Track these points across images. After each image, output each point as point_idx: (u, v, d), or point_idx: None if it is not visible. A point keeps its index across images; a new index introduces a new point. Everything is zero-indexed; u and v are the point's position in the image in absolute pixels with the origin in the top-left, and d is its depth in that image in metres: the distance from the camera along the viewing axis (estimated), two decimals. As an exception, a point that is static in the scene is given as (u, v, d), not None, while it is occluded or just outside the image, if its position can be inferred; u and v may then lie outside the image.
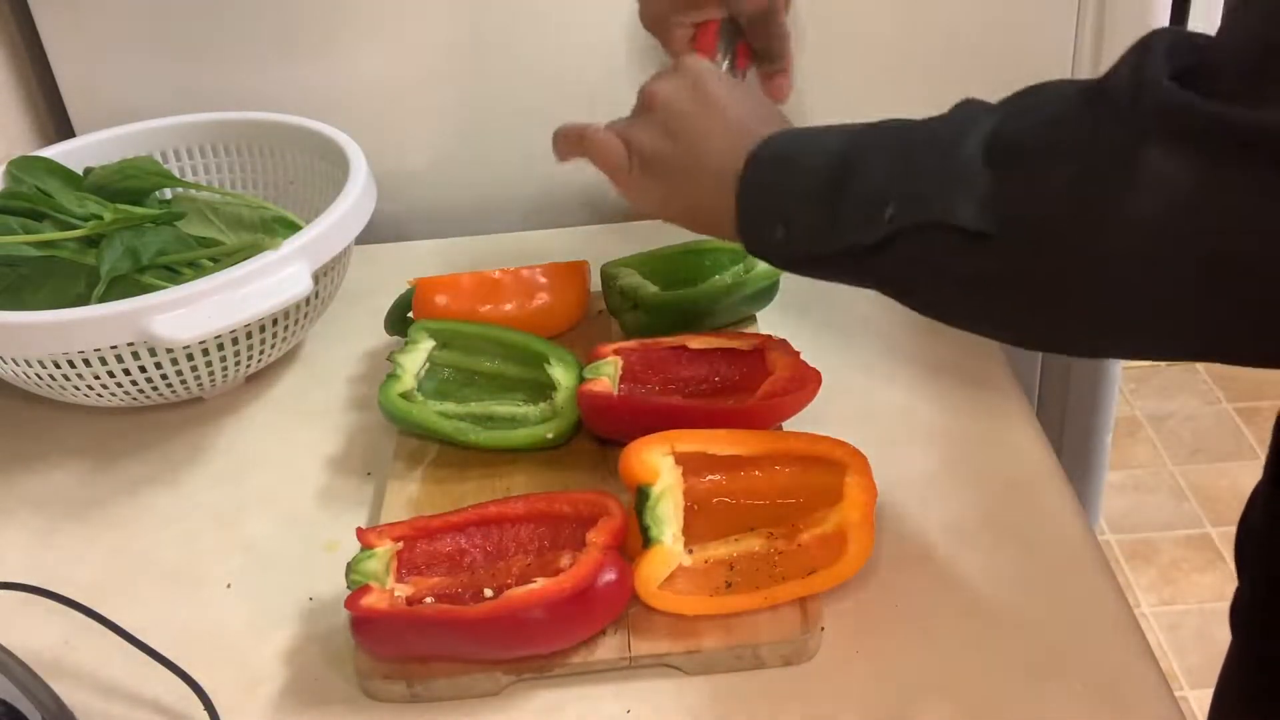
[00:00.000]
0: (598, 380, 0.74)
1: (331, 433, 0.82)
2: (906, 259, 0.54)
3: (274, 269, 0.75)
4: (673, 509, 0.65)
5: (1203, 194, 0.43)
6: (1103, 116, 0.46)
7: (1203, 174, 0.43)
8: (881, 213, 0.53)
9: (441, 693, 0.62)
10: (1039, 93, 0.52)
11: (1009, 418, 0.77)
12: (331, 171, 0.89)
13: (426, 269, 0.90)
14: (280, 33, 0.99)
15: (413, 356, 0.80)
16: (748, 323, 0.86)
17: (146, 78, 1.00)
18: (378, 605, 0.61)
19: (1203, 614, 1.79)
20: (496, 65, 1.00)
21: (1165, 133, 0.44)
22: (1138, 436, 2.13)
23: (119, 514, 0.77)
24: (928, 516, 0.70)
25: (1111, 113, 0.46)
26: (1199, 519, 1.95)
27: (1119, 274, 0.47)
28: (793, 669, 0.62)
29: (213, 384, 0.83)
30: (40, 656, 0.66)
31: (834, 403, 0.76)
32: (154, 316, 0.72)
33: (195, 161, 0.97)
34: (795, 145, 0.61)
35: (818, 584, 0.63)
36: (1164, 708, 0.58)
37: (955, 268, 0.52)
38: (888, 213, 0.53)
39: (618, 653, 0.62)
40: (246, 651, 0.66)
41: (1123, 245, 0.45)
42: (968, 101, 0.55)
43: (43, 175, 0.88)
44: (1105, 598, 0.64)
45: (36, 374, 0.77)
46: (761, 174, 0.60)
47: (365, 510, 0.75)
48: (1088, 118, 0.47)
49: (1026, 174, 0.49)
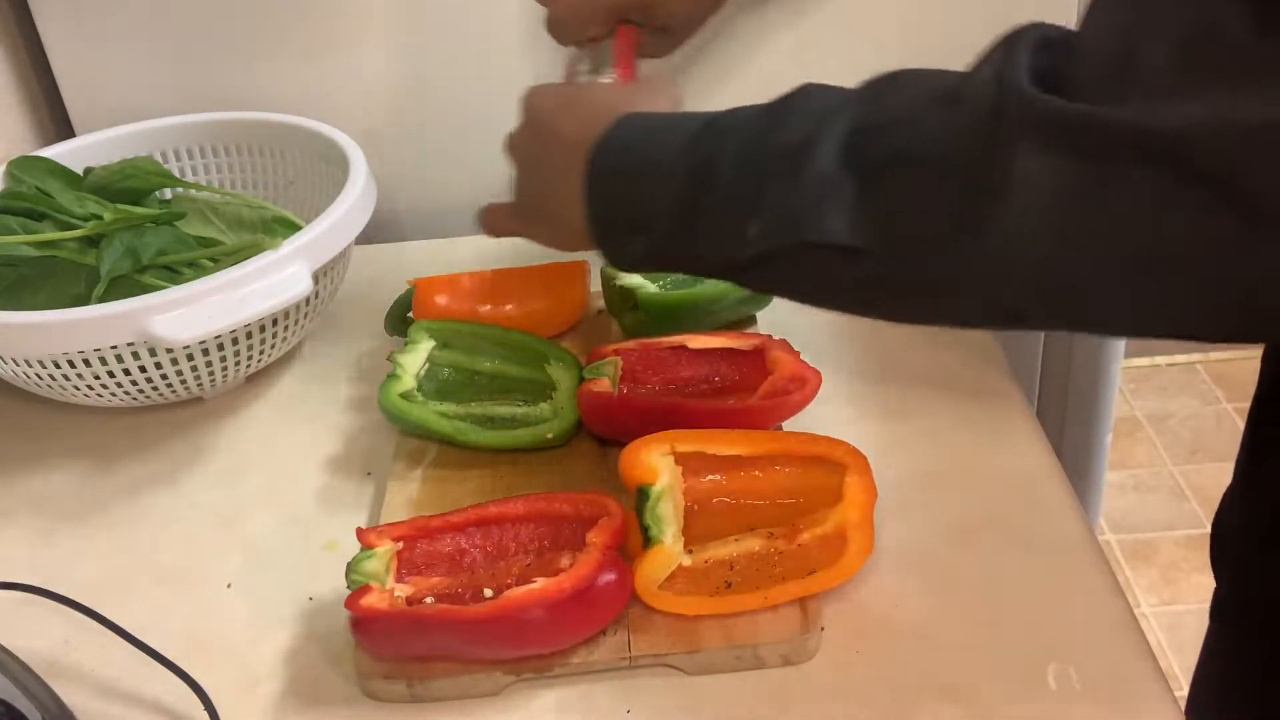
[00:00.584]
0: (598, 380, 0.74)
1: (331, 433, 0.82)
2: (783, 272, 0.53)
3: (274, 269, 0.75)
4: (673, 509, 0.65)
5: (1077, 196, 0.43)
6: (966, 123, 0.46)
7: (1074, 176, 0.42)
8: (744, 230, 0.52)
9: (441, 693, 0.62)
10: (895, 88, 0.50)
11: (1009, 418, 0.77)
12: (331, 171, 0.89)
13: (426, 269, 0.90)
14: (280, 33, 0.99)
15: (413, 356, 0.80)
16: (748, 323, 0.86)
17: (146, 78, 1.00)
18: (378, 605, 0.61)
19: (1203, 614, 1.78)
20: (496, 65, 1.00)
21: (1032, 138, 0.43)
22: (1138, 436, 2.13)
23: (119, 514, 0.77)
24: (928, 516, 0.70)
25: (975, 119, 0.45)
26: (1199, 519, 1.95)
27: (1003, 273, 0.46)
28: (793, 669, 0.62)
29: (213, 384, 0.83)
30: (40, 656, 0.66)
31: (834, 403, 0.77)
32: (154, 316, 0.72)
33: (195, 161, 0.97)
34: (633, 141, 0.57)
35: (818, 584, 0.63)
36: (1164, 708, 0.58)
37: (835, 276, 0.51)
38: (750, 231, 0.51)
39: (618, 653, 0.62)
40: (246, 651, 0.66)
41: (1001, 251, 0.45)
42: (809, 90, 0.53)
43: (43, 175, 0.88)
44: (1105, 598, 0.64)
45: (36, 374, 0.77)
46: (605, 179, 0.58)
47: (365, 510, 0.75)
48: (951, 123, 0.47)
49: (893, 185, 0.48)
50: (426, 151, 1.04)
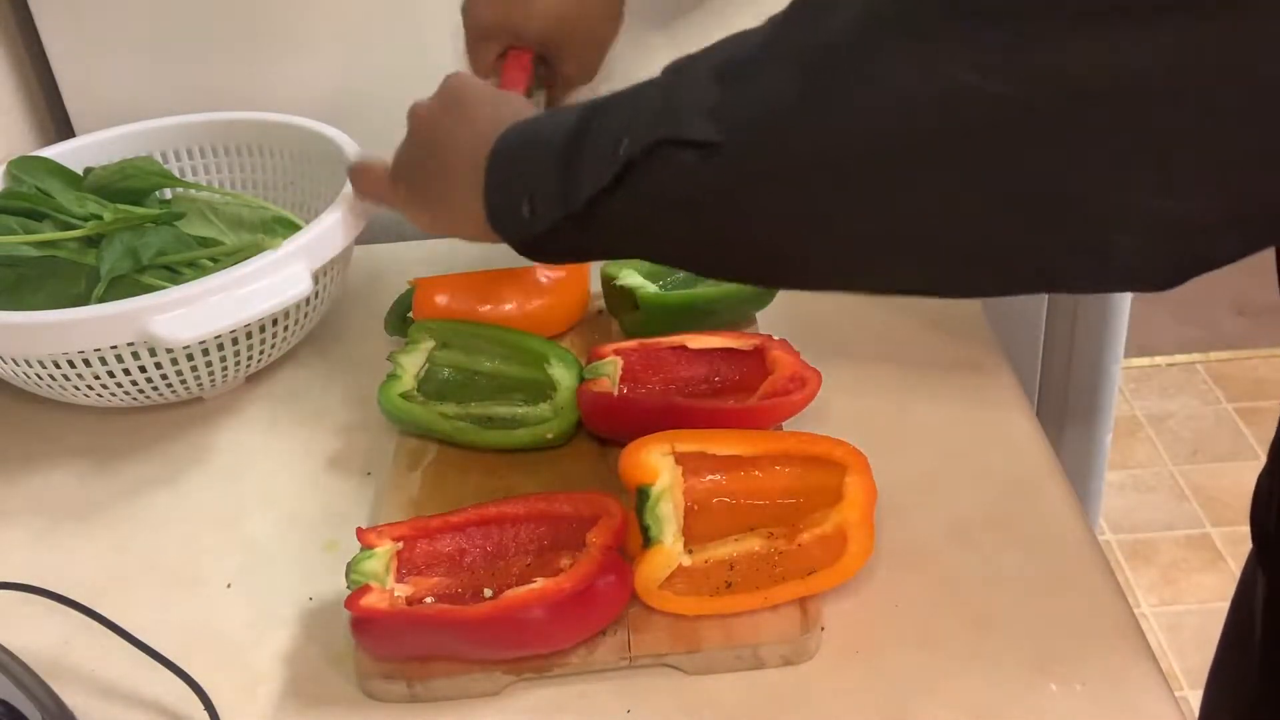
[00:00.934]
0: (598, 380, 0.74)
1: (331, 433, 0.82)
2: (637, 196, 0.53)
3: (274, 269, 0.75)
4: (673, 509, 0.65)
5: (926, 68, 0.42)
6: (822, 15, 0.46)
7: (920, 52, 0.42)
8: (615, 149, 0.52)
9: (441, 693, 0.62)
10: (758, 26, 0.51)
11: (1009, 418, 0.77)
12: (331, 171, 0.89)
13: (426, 269, 0.90)
14: (280, 33, 0.99)
15: (413, 356, 0.80)
16: (748, 323, 0.86)
17: (146, 78, 1.00)
18: (378, 605, 0.61)
19: (1203, 614, 1.79)
20: (496, 65, 1.00)
21: (882, 18, 0.44)
22: (1138, 436, 2.13)
23: (119, 514, 0.77)
24: (928, 516, 0.70)
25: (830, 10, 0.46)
26: (1199, 519, 1.95)
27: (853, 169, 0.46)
28: (793, 669, 0.62)
29: (213, 384, 0.83)
30: (40, 656, 0.66)
31: (834, 402, 0.76)
32: (154, 316, 0.72)
33: (195, 161, 0.97)
34: (533, 126, 0.60)
35: (818, 584, 0.63)
36: (1164, 708, 0.58)
37: (685, 190, 0.51)
38: (622, 147, 0.52)
39: (618, 653, 0.62)
40: (246, 651, 0.66)
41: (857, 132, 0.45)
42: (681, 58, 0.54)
43: (43, 175, 0.88)
44: (1105, 598, 0.64)
45: (36, 374, 0.77)
46: (503, 160, 0.60)
47: (365, 510, 0.75)
48: (809, 18, 0.47)
49: (753, 78, 0.48)
50: (426, 151, 1.04)
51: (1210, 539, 1.90)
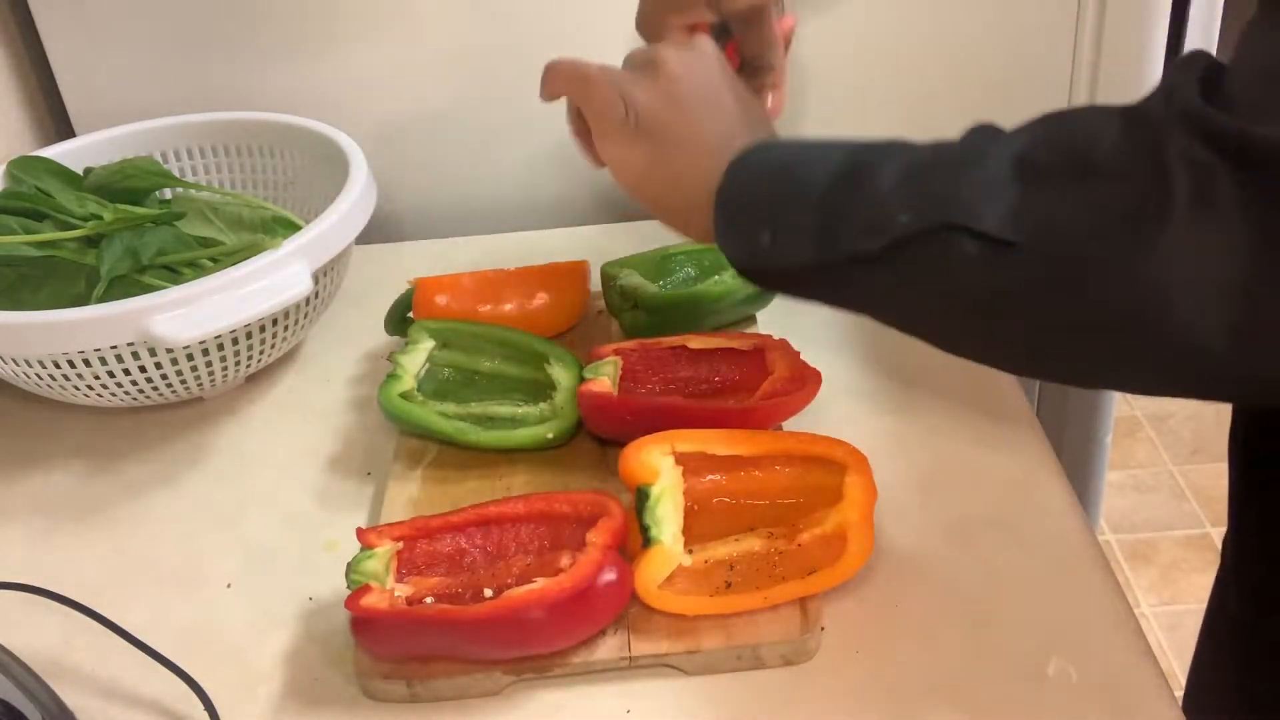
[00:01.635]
0: (598, 380, 0.74)
1: (331, 433, 0.82)
2: (910, 270, 0.51)
3: (274, 269, 0.75)
4: (673, 509, 0.65)
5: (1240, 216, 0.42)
6: (1139, 133, 0.45)
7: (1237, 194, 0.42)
8: (891, 220, 0.50)
9: (441, 693, 0.62)
10: (1070, 117, 0.49)
11: (1009, 418, 0.77)
12: (331, 171, 0.89)
13: (426, 269, 0.90)
14: (280, 33, 0.99)
15: (413, 356, 0.80)
16: (748, 323, 0.86)
17: (146, 78, 1.00)
18: (378, 605, 0.61)
19: (1202, 614, 1.78)
20: (496, 65, 1.00)
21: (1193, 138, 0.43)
22: (1138, 436, 2.13)
23: (119, 514, 0.77)
24: (928, 516, 0.70)
25: (1148, 128, 0.45)
26: (1199, 519, 1.95)
27: (1152, 298, 0.44)
28: (793, 669, 0.62)
29: (213, 384, 0.83)
30: (40, 656, 0.66)
31: (834, 403, 0.77)
32: (154, 316, 0.72)
33: (195, 161, 0.97)
34: (789, 153, 0.58)
35: (818, 584, 0.63)
36: (1164, 708, 0.58)
37: (966, 280, 0.49)
38: (900, 219, 0.50)
39: (618, 653, 0.62)
40: (246, 651, 0.66)
41: (1161, 265, 0.43)
42: (982, 126, 0.52)
43: (43, 175, 0.88)
44: (1105, 598, 0.64)
45: (36, 374, 0.77)
46: (750, 173, 0.58)
47: (365, 510, 0.75)
48: (1129, 136, 0.46)
49: (1062, 186, 0.47)
50: (426, 151, 1.04)
51: (1210, 539, 1.90)
